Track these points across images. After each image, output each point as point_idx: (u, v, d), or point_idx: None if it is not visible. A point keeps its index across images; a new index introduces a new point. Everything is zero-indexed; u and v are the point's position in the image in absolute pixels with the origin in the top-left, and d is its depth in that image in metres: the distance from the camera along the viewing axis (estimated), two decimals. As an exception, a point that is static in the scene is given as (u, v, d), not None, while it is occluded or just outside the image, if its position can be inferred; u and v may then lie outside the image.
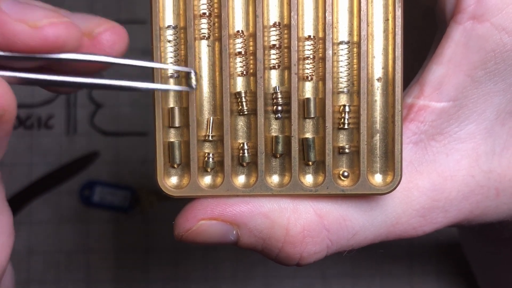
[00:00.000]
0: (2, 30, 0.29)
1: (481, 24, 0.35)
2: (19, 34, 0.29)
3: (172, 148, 0.36)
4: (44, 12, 0.29)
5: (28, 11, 0.29)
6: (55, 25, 0.29)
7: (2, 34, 0.29)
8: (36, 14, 0.29)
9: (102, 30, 0.32)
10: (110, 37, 0.32)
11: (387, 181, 0.36)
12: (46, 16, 0.29)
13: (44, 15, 0.29)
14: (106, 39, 0.32)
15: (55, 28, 0.29)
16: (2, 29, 0.29)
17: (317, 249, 0.37)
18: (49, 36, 0.29)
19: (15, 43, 0.29)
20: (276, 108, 0.36)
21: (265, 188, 0.36)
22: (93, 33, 0.32)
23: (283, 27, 0.36)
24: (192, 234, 0.36)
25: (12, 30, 0.29)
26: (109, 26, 0.32)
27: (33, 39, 0.29)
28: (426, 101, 0.36)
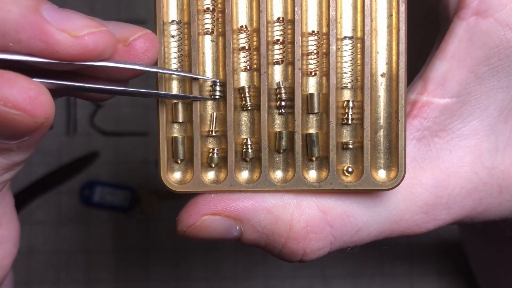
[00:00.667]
0: (45, 39, 0.29)
1: (484, 19, 0.35)
2: (61, 43, 0.30)
3: (176, 143, 0.36)
4: (84, 21, 0.30)
5: (69, 20, 0.30)
6: (94, 34, 0.30)
7: (46, 43, 0.29)
8: (76, 23, 0.30)
9: (137, 37, 0.33)
10: (144, 44, 0.33)
11: (391, 177, 0.36)
12: (86, 25, 0.30)
13: (84, 24, 0.30)
14: (140, 46, 0.33)
15: (94, 37, 0.30)
16: (46, 38, 0.29)
17: (321, 245, 0.37)
18: (89, 45, 0.30)
19: (57, 52, 0.30)
20: (279, 104, 0.36)
21: (268, 183, 0.36)
22: (128, 40, 0.33)
23: (287, 22, 0.36)
24: (195, 229, 0.36)
25: (55, 40, 0.29)
26: (143, 34, 0.33)
27: (74, 48, 0.30)
28: (430, 97, 0.36)
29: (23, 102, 0.29)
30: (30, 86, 0.29)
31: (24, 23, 0.29)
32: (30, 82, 0.29)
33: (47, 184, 0.84)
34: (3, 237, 0.39)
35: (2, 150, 0.32)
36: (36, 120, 0.29)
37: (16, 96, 0.29)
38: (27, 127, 0.30)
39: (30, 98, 0.29)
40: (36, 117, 0.29)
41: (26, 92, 0.29)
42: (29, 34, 0.29)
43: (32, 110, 0.29)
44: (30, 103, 0.29)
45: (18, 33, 0.29)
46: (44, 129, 0.31)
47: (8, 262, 0.39)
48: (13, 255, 0.39)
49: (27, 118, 0.29)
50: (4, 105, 0.28)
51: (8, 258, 0.39)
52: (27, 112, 0.29)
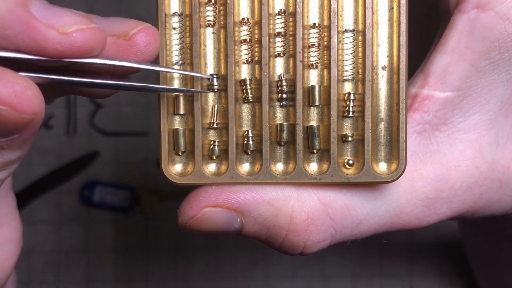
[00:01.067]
0: (33, 36, 0.29)
1: (485, 13, 0.35)
2: (49, 40, 0.29)
3: (177, 136, 0.36)
4: (73, 17, 0.30)
5: (58, 16, 0.30)
6: (83, 31, 0.30)
7: (33, 40, 0.29)
8: (65, 19, 0.30)
9: (137, 31, 0.33)
10: (145, 37, 0.33)
11: (392, 169, 0.36)
12: (75, 22, 0.30)
13: (73, 21, 0.30)
14: (141, 40, 0.33)
15: (83, 34, 0.30)
16: (33, 34, 0.29)
17: (321, 238, 0.37)
18: (77, 42, 0.30)
19: (45, 48, 0.29)
20: (281, 96, 0.36)
21: (269, 176, 0.36)
22: (128, 35, 0.32)
23: (289, 15, 0.36)
24: (196, 221, 0.36)
25: (42, 36, 0.29)
26: (143, 28, 0.33)
27: (62, 44, 0.29)
28: (430, 90, 0.36)
29: (8, 96, 0.28)
30: (17, 80, 0.28)
31: (11, 19, 0.28)
32: (17, 76, 0.28)
33: (47, 184, 0.84)
34: (5, 237, 0.39)
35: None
36: (23, 116, 0.29)
37: (1, 90, 0.28)
38: (15, 124, 0.29)
39: (16, 92, 0.28)
40: (23, 113, 0.28)
41: (12, 86, 0.28)
42: (16, 30, 0.29)
43: (18, 105, 0.28)
44: (16, 97, 0.28)
45: (5, 29, 0.29)
46: (35, 126, 0.30)
47: (11, 263, 0.39)
48: (15, 256, 0.39)
49: (13, 114, 0.28)
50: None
51: (10, 259, 0.39)
52: (13, 107, 0.28)
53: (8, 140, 0.31)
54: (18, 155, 0.33)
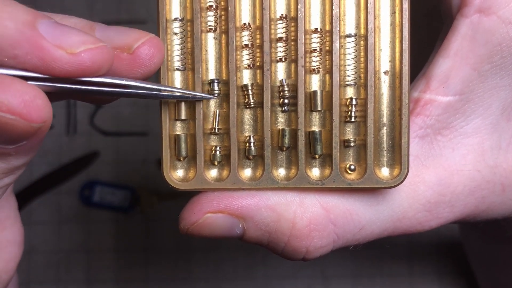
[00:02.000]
0: (41, 56, 0.29)
1: (487, 17, 0.35)
2: (58, 61, 0.29)
3: (178, 141, 0.36)
4: (81, 37, 0.30)
5: (66, 36, 0.30)
6: (91, 50, 0.30)
7: (42, 60, 0.29)
8: (74, 39, 0.30)
9: (141, 44, 0.32)
10: (149, 50, 0.33)
11: (394, 175, 0.36)
12: (83, 42, 0.30)
13: (81, 40, 0.30)
14: (145, 53, 0.32)
15: (91, 54, 0.30)
16: (42, 55, 0.29)
17: (324, 243, 0.37)
18: (86, 62, 0.30)
19: (53, 68, 0.29)
20: (282, 101, 0.36)
21: (271, 181, 0.36)
22: (132, 48, 0.32)
23: (290, 20, 0.36)
24: (198, 227, 0.36)
25: (51, 57, 0.29)
26: (147, 40, 0.33)
27: (71, 65, 0.29)
28: (433, 95, 0.36)
29: (18, 106, 0.28)
30: (26, 90, 0.28)
31: (20, 39, 0.28)
32: (26, 86, 0.28)
33: (47, 184, 0.84)
34: (7, 240, 0.39)
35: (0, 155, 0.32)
36: (32, 125, 0.29)
37: (10, 100, 0.28)
38: (24, 132, 0.29)
39: (26, 102, 0.28)
40: (32, 122, 0.28)
41: (21, 96, 0.28)
42: (25, 50, 0.29)
43: (28, 115, 0.28)
44: (25, 107, 0.28)
45: (14, 49, 0.29)
46: (42, 133, 0.30)
47: (13, 265, 0.39)
48: (17, 258, 0.39)
49: (22, 123, 0.28)
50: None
51: (12, 261, 0.39)
52: (22, 116, 0.28)
53: (15, 147, 0.31)
54: (24, 161, 0.33)
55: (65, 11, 0.80)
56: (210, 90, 0.36)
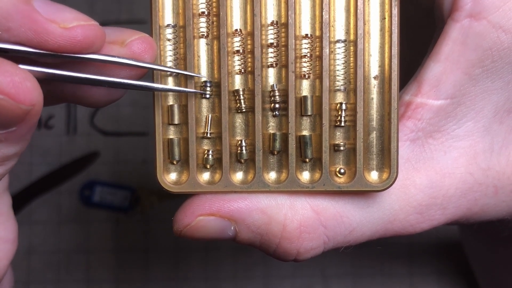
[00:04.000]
0: (35, 28, 0.30)
1: (478, 21, 0.35)
2: (51, 34, 0.30)
3: (172, 145, 0.36)
4: (74, 14, 0.31)
5: (59, 12, 0.30)
6: (84, 26, 0.31)
7: (35, 32, 0.30)
8: (67, 15, 0.30)
9: (134, 39, 0.33)
10: (141, 45, 0.33)
11: (383, 178, 0.36)
12: (75, 18, 0.30)
13: (74, 17, 0.30)
14: (137, 47, 0.33)
15: (83, 30, 0.30)
16: (35, 27, 0.30)
17: (314, 245, 0.37)
18: (78, 36, 0.30)
19: (46, 41, 0.30)
20: (273, 106, 0.36)
21: (262, 184, 0.36)
22: (125, 42, 0.33)
23: (281, 26, 0.36)
24: (191, 229, 0.36)
25: (44, 29, 0.30)
26: (140, 36, 0.34)
27: (63, 38, 0.30)
28: (424, 98, 0.37)
29: (6, 86, 0.28)
30: (15, 71, 0.29)
31: (14, 12, 0.29)
32: (15, 67, 0.29)
33: (47, 184, 0.84)
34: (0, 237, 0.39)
35: None
36: (21, 106, 0.29)
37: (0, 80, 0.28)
38: (13, 114, 0.29)
39: (15, 82, 0.28)
40: (21, 103, 0.29)
41: (10, 76, 0.28)
42: (18, 22, 0.29)
43: (17, 95, 0.28)
44: (14, 87, 0.28)
45: (8, 21, 0.29)
46: (32, 119, 0.30)
47: (6, 263, 0.39)
48: (11, 256, 0.39)
49: (11, 103, 0.28)
50: None
51: (5, 259, 0.39)
52: (10, 96, 0.28)
53: (5, 133, 0.31)
54: (15, 150, 0.33)
55: (65, 13, 0.81)
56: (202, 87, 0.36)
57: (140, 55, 0.33)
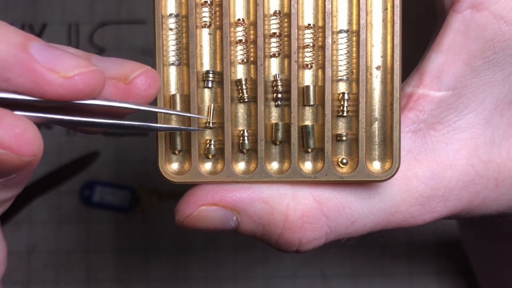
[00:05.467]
0: (34, 79, 0.29)
1: (479, 12, 0.35)
2: (51, 84, 0.29)
3: (174, 135, 0.36)
4: (74, 61, 0.30)
5: (58, 59, 0.29)
6: (84, 74, 0.30)
7: (35, 83, 0.29)
8: (67, 63, 0.29)
9: (138, 75, 0.33)
10: (145, 81, 0.33)
11: (386, 168, 0.36)
12: (76, 65, 0.30)
13: (74, 64, 0.30)
14: (141, 83, 0.33)
15: (84, 77, 0.30)
16: (35, 78, 0.29)
17: (316, 235, 0.37)
18: (79, 85, 0.29)
19: (46, 92, 0.29)
20: (276, 96, 0.36)
21: (264, 174, 0.36)
22: (129, 79, 0.32)
23: (283, 16, 0.36)
24: (193, 219, 0.36)
25: (44, 80, 0.29)
26: (144, 71, 0.33)
27: (64, 88, 0.29)
28: (426, 90, 0.37)
29: (8, 140, 0.27)
30: (17, 123, 0.28)
31: (12, 61, 0.28)
32: (16, 118, 0.28)
33: (47, 184, 0.84)
34: None
35: None
36: (22, 158, 0.28)
37: (1, 134, 0.27)
38: (13, 166, 0.28)
39: (17, 135, 0.28)
40: (22, 156, 0.28)
41: (12, 129, 0.28)
42: (17, 73, 0.28)
43: (18, 148, 0.28)
44: (16, 140, 0.28)
45: (6, 72, 0.28)
46: (32, 166, 0.30)
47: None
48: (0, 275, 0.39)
49: (13, 157, 0.28)
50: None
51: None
52: (13, 150, 0.28)
53: (4, 181, 0.31)
54: (13, 193, 0.33)
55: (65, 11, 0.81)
56: (205, 80, 0.36)
57: (145, 91, 0.33)
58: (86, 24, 0.82)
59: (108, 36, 0.83)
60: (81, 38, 0.82)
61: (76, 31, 0.82)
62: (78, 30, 0.82)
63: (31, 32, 0.82)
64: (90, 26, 0.82)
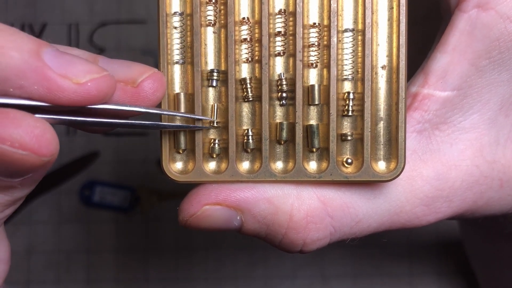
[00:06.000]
0: (48, 86, 0.29)
1: (485, 12, 0.35)
2: (64, 91, 0.29)
3: (178, 134, 0.36)
4: (86, 67, 0.30)
5: (71, 66, 0.30)
6: (97, 80, 0.30)
7: (48, 90, 0.29)
8: (79, 69, 0.30)
9: (145, 78, 0.33)
10: (153, 84, 0.33)
11: (391, 168, 0.36)
12: (88, 71, 0.30)
13: (86, 70, 0.30)
14: (149, 87, 0.33)
15: (97, 84, 0.30)
16: (48, 85, 0.29)
17: (320, 236, 0.37)
18: (92, 91, 0.30)
19: (59, 98, 0.29)
20: (280, 95, 0.36)
21: (269, 174, 0.36)
22: (136, 82, 0.33)
23: (289, 14, 0.36)
24: (197, 219, 0.36)
25: (57, 86, 0.29)
26: (151, 74, 0.33)
27: (77, 94, 0.30)
28: (431, 90, 0.37)
29: (30, 141, 0.28)
30: (36, 124, 0.28)
31: (25, 70, 0.28)
32: (35, 120, 0.28)
33: (47, 184, 0.84)
34: None
35: (5, 188, 0.32)
36: (42, 158, 0.28)
37: (23, 135, 0.28)
38: (33, 166, 0.29)
39: (37, 137, 0.28)
40: (42, 156, 0.28)
41: (32, 131, 0.28)
42: (31, 81, 0.29)
43: (39, 149, 0.28)
44: (37, 142, 0.28)
45: (20, 80, 0.29)
46: (49, 165, 0.30)
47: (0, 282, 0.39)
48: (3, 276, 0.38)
49: (33, 157, 0.28)
50: (11, 146, 0.28)
51: None
52: (34, 151, 0.28)
53: (21, 180, 0.31)
54: (26, 192, 0.33)
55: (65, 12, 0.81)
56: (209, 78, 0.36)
57: (153, 95, 0.33)
58: (86, 24, 0.82)
59: (108, 36, 0.83)
60: (81, 38, 0.82)
61: (76, 31, 0.82)
62: (78, 30, 0.82)
63: (31, 32, 0.82)
64: (90, 26, 0.82)
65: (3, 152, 0.28)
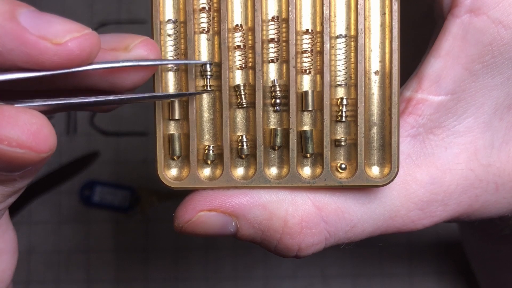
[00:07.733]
0: (27, 50, 0.28)
1: (478, 17, 0.35)
2: (44, 53, 0.28)
3: (172, 141, 0.36)
4: (65, 25, 0.29)
5: (49, 25, 0.28)
6: (78, 38, 0.29)
7: (28, 54, 0.28)
8: (57, 28, 0.29)
9: (138, 43, 0.33)
10: (146, 47, 0.33)
11: (385, 173, 0.36)
12: (68, 30, 0.29)
13: (65, 29, 0.29)
14: (142, 49, 0.33)
15: (78, 42, 0.29)
16: (27, 49, 0.28)
17: (315, 241, 0.37)
18: (74, 51, 0.29)
19: (42, 62, 0.29)
20: (274, 101, 0.36)
21: (263, 180, 0.36)
22: (129, 47, 0.32)
23: (282, 21, 0.36)
24: (192, 225, 0.36)
25: (37, 49, 0.28)
26: (143, 40, 0.33)
27: (59, 55, 0.29)
28: (424, 94, 0.37)
29: (27, 140, 0.28)
30: (32, 121, 0.28)
31: (1, 34, 0.28)
32: (31, 116, 0.28)
33: (47, 184, 0.84)
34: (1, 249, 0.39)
35: (5, 181, 0.32)
36: (40, 155, 0.28)
37: (20, 135, 0.27)
38: (32, 162, 0.29)
39: (34, 134, 0.28)
40: (40, 153, 0.28)
41: (29, 129, 0.28)
42: (8, 46, 0.28)
43: (37, 146, 0.28)
44: (34, 139, 0.28)
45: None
46: (48, 158, 0.30)
47: (10, 274, 0.39)
48: (13, 267, 0.39)
49: (32, 154, 0.28)
50: (8, 145, 0.27)
51: (8, 270, 0.39)
52: (32, 149, 0.28)
53: (21, 173, 0.31)
54: (27, 182, 0.33)
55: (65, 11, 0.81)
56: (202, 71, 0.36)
57: (146, 58, 0.33)
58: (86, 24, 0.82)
59: (108, 36, 0.83)
60: (81, 38, 0.82)
61: (76, 31, 0.82)
62: (77, 30, 0.82)
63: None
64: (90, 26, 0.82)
65: (1, 151, 0.28)
